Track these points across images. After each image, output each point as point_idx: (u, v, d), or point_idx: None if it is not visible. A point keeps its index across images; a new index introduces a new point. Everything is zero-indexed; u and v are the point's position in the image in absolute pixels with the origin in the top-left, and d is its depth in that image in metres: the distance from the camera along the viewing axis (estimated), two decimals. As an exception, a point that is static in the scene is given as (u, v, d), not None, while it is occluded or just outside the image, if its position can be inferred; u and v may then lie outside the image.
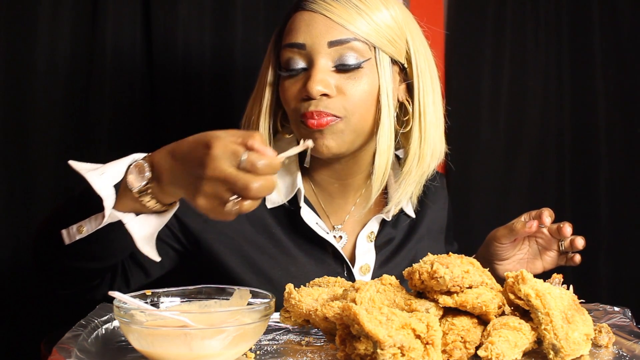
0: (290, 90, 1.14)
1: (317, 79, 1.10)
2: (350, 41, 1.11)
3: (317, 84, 1.10)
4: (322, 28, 1.11)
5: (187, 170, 0.85)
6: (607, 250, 2.16)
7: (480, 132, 2.11)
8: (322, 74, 1.11)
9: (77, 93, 1.66)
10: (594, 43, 2.16)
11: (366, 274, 1.24)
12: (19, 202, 1.61)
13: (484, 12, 2.10)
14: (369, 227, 1.27)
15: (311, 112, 1.11)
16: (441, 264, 0.84)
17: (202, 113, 1.77)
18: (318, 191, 1.26)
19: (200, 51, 1.76)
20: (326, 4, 1.12)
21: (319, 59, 1.11)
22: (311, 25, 1.12)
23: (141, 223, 0.92)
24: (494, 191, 2.12)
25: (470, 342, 0.84)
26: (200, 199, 0.83)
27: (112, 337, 0.93)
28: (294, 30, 1.13)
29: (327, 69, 1.12)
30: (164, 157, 0.88)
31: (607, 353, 0.87)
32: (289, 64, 1.14)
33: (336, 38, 1.11)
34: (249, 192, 0.80)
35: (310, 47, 1.12)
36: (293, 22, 1.15)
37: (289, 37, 1.14)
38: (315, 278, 1.04)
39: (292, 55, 1.13)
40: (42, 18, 1.61)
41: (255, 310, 0.83)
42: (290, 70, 1.14)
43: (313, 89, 1.09)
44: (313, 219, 1.22)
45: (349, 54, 1.11)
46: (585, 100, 2.17)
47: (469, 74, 2.10)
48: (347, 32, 1.11)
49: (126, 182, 0.90)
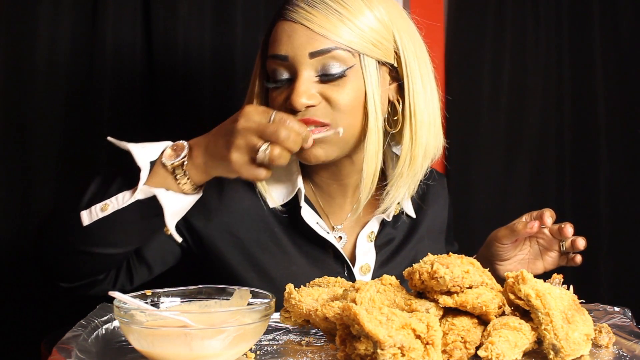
0: (276, 101, 1.13)
1: (300, 91, 1.09)
2: (332, 50, 1.09)
3: (301, 97, 1.08)
4: (302, 39, 1.09)
5: (221, 133, 0.98)
6: (607, 250, 2.16)
7: (480, 132, 2.11)
8: (305, 86, 1.09)
9: (77, 93, 1.66)
10: (594, 43, 2.16)
11: (366, 274, 1.24)
12: (19, 202, 1.61)
13: (484, 11, 2.10)
14: (369, 227, 1.26)
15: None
16: (441, 264, 0.84)
17: (201, 113, 1.77)
18: (317, 192, 1.26)
19: (200, 51, 1.76)
20: (306, 12, 1.10)
21: (302, 70, 1.10)
22: (292, 36, 1.10)
23: (171, 198, 1.00)
24: (494, 191, 2.12)
25: (471, 342, 0.84)
26: (234, 153, 0.96)
27: (112, 337, 0.94)
28: (277, 42, 1.12)
29: (311, 79, 1.10)
30: (201, 138, 1.02)
31: (607, 353, 0.87)
32: (274, 75, 1.13)
33: (317, 49, 1.09)
34: (279, 136, 0.92)
35: (292, 58, 1.10)
36: (276, 32, 1.13)
37: (272, 48, 1.13)
38: (315, 278, 1.03)
39: (276, 66, 1.12)
40: (42, 18, 1.61)
41: (255, 310, 0.83)
42: (276, 81, 1.13)
43: (297, 102, 1.08)
44: (313, 218, 1.22)
45: (331, 63, 1.09)
46: (585, 100, 2.17)
47: (469, 74, 2.10)
48: (328, 42, 1.09)
49: (161, 161, 1.00)
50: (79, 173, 1.66)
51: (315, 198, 1.26)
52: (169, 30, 1.73)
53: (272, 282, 1.18)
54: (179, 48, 1.74)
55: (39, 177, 1.62)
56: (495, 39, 2.11)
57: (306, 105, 1.09)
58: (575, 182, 2.17)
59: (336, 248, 1.22)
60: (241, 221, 1.20)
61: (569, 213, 2.15)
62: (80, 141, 1.66)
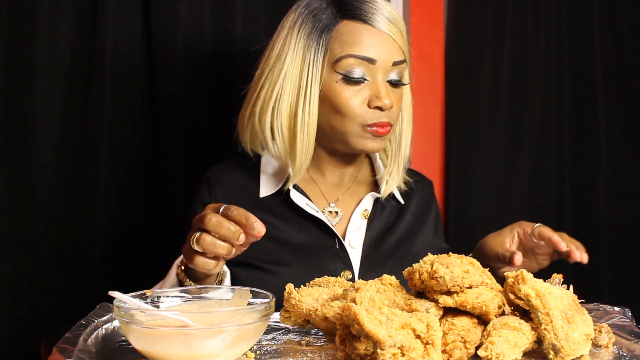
0: (354, 98, 1.28)
1: (387, 93, 1.28)
2: (404, 62, 1.32)
3: (388, 98, 1.27)
4: (390, 49, 1.28)
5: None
6: (607, 250, 2.16)
7: (480, 132, 2.11)
8: (386, 88, 1.28)
9: (77, 93, 1.66)
10: (594, 43, 2.16)
11: (356, 248, 1.35)
12: (19, 202, 1.61)
13: (484, 11, 2.10)
14: (363, 204, 1.39)
15: (381, 122, 1.28)
16: (441, 264, 0.84)
17: (202, 112, 1.77)
18: (315, 175, 1.41)
19: (200, 51, 1.76)
20: (391, 25, 1.29)
21: (385, 75, 1.29)
22: (381, 44, 1.27)
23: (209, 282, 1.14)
24: (494, 191, 2.12)
25: (470, 342, 0.84)
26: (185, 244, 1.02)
27: (112, 337, 0.94)
28: (364, 45, 1.27)
29: (385, 82, 1.29)
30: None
31: (607, 353, 0.87)
32: (353, 72, 1.27)
33: (399, 59, 1.30)
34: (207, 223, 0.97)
35: (379, 63, 1.27)
36: (360, 35, 1.27)
37: (357, 49, 1.27)
38: (307, 248, 1.22)
39: (358, 65, 1.27)
40: (42, 18, 1.61)
41: (255, 310, 0.83)
42: (355, 79, 1.27)
43: (386, 103, 1.27)
44: (302, 200, 1.34)
45: (399, 72, 1.31)
46: (585, 100, 2.17)
47: (469, 74, 2.10)
48: (402, 55, 1.31)
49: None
50: (79, 173, 1.66)
51: (309, 179, 1.40)
52: (169, 30, 1.73)
53: (262, 248, 1.29)
54: (179, 48, 1.74)
55: (39, 177, 1.62)
56: (495, 39, 2.11)
57: (390, 106, 1.28)
58: (575, 182, 2.17)
59: (326, 224, 1.34)
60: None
61: (569, 213, 2.15)
62: (80, 141, 1.66)
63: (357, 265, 1.32)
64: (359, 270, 1.32)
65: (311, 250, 1.31)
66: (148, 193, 1.74)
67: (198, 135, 1.76)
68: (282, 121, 1.30)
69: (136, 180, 1.73)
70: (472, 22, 2.10)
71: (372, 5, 1.28)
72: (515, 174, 2.13)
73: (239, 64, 1.78)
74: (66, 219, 1.65)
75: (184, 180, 1.74)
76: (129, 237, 1.72)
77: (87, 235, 1.67)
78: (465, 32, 2.10)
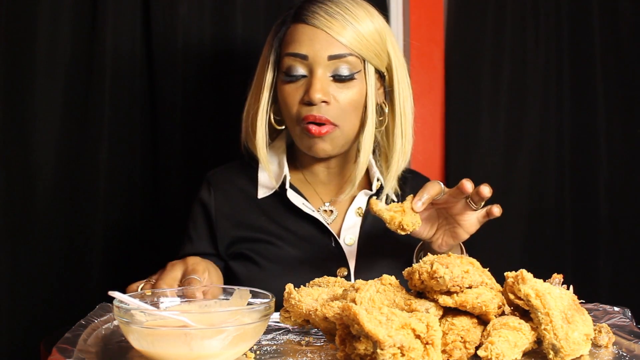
0: (292, 95, 1.30)
1: (318, 87, 1.26)
2: (346, 56, 1.28)
3: (318, 92, 1.26)
4: (323, 43, 1.27)
5: None
6: (607, 250, 2.16)
7: (480, 132, 2.11)
8: (321, 83, 1.27)
9: (77, 93, 1.66)
10: (594, 43, 2.16)
11: (351, 245, 1.36)
12: (19, 202, 1.61)
13: (484, 11, 2.10)
14: (357, 202, 1.40)
15: (313, 116, 1.27)
16: (441, 264, 0.84)
17: (201, 112, 1.77)
18: (308, 176, 1.42)
19: (200, 51, 1.76)
20: (326, 20, 1.28)
21: (319, 69, 1.28)
22: (314, 39, 1.28)
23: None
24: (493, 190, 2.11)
25: (470, 342, 0.84)
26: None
27: (112, 337, 0.94)
28: (297, 42, 1.29)
29: (325, 78, 1.28)
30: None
31: (607, 353, 0.87)
32: (290, 70, 1.30)
33: (335, 53, 1.27)
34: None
35: (312, 58, 1.28)
36: (296, 33, 1.30)
37: (291, 47, 1.30)
38: (304, 247, 1.25)
39: (294, 63, 1.29)
40: (42, 18, 1.61)
41: (255, 310, 0.83)
42: (291, 76, 1.30)
43: (314, 96, 1.26)
44: (299, 200, 1.37)
45: (344, 66, 1.28)
46: (585, 100, 2.17)
47: (469, 74, 2.10)
48: (344, 48, 1.28)
49: None
50: (79, 173, 1.66)
51: (305, 180, 1.42)
52: (169, 30, 1.73)
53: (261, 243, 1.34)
54: (179, 48, 1.74)
55: (39, 177, 1.62)
56: (495, 39, 2.10)
57: (321, 100, 1.27)
58: (575, 181, 2.17)
59: (322, 223, 1.36)
60: (239, 207, 1.39)
61: (569, 213, 2.15)
62: (80, 141, 1.66)
63: (353, 262, 1.35)
64: (354, 266, 1.34)
65: (308, 249, 1.34)
66: (148, 193, 1.74)
67: (198, 135, 1.76)
68: (250, 124, 1.37)
69: (136, 180, 1.73)
70: (472, 22, 2.10)
71: (318, 5, 1.30)
72: (515, 174, 2.13)
73: (239, 64, 1.78)
74: (66, 219, 1.65)
75: (184, 180, 1.74)
76: (129, 237, 1.72)
77: (87, 235, 1.67)
78: (465, 32, 2.10)
